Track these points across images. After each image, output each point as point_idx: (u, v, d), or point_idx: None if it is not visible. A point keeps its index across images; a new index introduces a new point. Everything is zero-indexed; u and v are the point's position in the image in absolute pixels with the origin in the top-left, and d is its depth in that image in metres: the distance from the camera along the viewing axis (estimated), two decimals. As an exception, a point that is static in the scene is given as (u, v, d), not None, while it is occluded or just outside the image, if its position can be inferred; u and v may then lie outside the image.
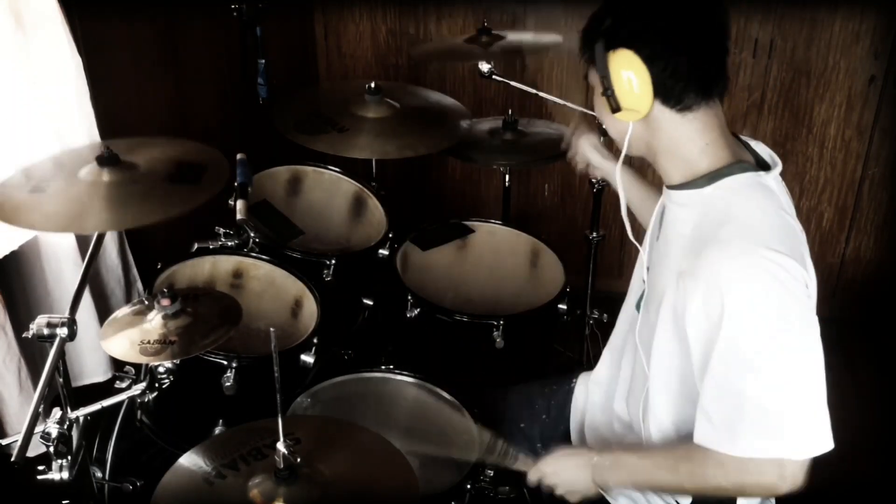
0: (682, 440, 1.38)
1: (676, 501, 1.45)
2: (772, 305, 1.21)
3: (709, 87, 1.29)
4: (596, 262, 2.50)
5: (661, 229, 1.42)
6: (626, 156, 1.38)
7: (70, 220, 1.50)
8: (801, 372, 1.22)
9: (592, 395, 1.69)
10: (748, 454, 1.24)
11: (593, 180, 2.33)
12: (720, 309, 1.20)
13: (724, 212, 1.27)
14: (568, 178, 3.14)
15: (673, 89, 1.27)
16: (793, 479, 1.23)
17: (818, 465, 1.24)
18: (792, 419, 1.22)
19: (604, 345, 1.70)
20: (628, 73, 1.26)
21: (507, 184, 2.53)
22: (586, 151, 1.85)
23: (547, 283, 2.14)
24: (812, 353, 1.23)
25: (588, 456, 1.47)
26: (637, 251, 1.52)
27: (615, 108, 1.30)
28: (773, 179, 1.33)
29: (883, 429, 2.54)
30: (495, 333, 1.93)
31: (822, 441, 1.22)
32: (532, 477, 1.51)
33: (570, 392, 1.76)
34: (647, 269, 1.46)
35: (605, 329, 2.50)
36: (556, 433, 1.75)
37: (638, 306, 1.49)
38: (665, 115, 1.29)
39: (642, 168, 2.83)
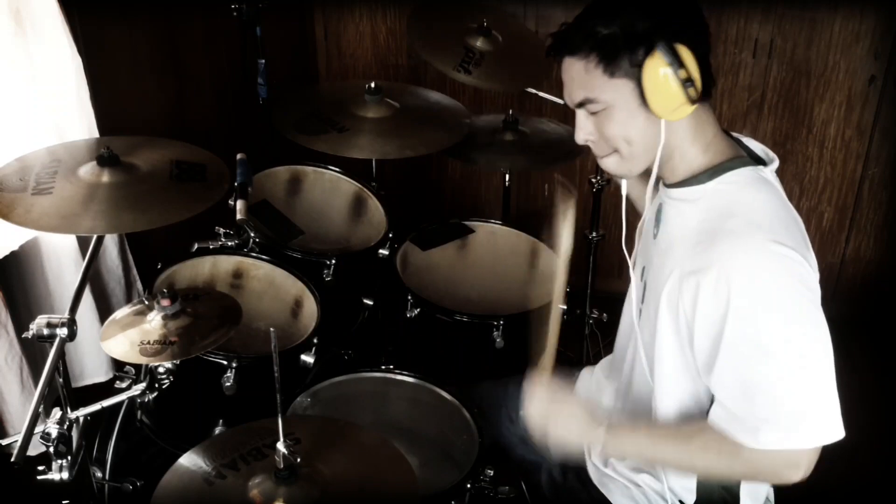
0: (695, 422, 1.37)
1: (680, 501, 1.45)
2: (780, 296, 1.22)
3: (710, 84, 1.29)
4: (596, 261, 2.50)
5: (660, 227, 1.42)
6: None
7: (70, 221, 1.50)
8: (811, 361, 1.22)
9: (595, 391, 1.69)
10: (763, 446, 1.24)
11: (593, 180, 2.35)
12: (727, 300, 1.21)
13: (728, 205, 1.27)
14: (568, 178, 3.13)
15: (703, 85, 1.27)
16: (806, 467, 1.24)
17: (819, 464, 1.25)
18: (804, 409, 1.22)
19: (604, 344, 1.70)
20: (675, 70, 1.23)
21: (507, 184, 2.53)
22: None
23: (547, 283, 2.13)
24: (821, 342, 1.23)
25: (598, 425, 1.41)
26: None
27: (695, 99, 1.25)
28: (770, 174, 1.35)
29: (883, 428, 2.55)
30: (495, 333, 1.94)
31: (833, 430, 1.22)
32: (534, 412, 1.43)
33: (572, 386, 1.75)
34: (644, 267, 1.46)
35: (605, 329, 2.50)
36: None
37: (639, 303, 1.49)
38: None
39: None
